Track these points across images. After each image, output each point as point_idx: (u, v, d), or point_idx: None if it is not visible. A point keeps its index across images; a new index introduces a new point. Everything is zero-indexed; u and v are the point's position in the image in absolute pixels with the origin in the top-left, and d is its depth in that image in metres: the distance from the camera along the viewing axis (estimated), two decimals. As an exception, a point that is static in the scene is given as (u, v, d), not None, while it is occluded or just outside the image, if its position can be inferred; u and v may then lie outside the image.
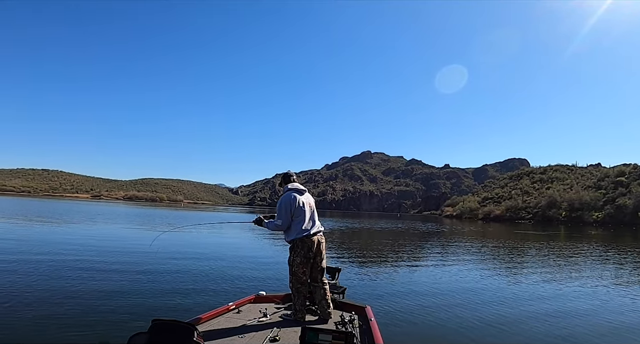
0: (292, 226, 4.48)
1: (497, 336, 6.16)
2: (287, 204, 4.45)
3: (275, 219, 4.53)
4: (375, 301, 7.49)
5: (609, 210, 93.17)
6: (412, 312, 7.22)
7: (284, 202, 4.47)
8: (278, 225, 4.47)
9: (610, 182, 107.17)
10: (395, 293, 8.90)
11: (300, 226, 4.45)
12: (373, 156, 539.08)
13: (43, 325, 5.28)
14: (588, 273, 13.62)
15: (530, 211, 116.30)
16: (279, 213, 4.46)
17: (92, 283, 8.00)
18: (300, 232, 4.44)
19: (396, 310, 7.27)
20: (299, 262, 4.38)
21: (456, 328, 6.41)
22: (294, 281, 4.38)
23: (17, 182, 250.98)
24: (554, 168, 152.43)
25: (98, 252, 12.41)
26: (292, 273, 4.41)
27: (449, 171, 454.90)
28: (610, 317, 7.62)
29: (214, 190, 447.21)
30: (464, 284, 10.48)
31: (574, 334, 6.42)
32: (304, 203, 4.52)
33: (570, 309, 8.15)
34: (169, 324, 2.61)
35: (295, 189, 4.61)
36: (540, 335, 6.32)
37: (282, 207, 4.45)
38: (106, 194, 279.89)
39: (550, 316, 7.49)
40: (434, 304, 8.00)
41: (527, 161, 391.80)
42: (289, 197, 4.49)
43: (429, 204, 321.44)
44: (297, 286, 4.34)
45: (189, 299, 7.08)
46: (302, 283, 4.36)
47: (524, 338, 6.17)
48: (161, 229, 23.87)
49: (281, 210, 4.44)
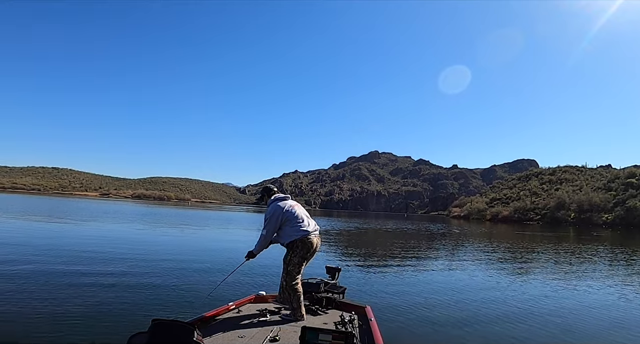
0: (288, 229, 4.57)
1: (498, 336, 6.17)
2: (275, 213, 4.57)
3: (262, 230, 4.62)
4: (375, 301, 7.48)
5: (619, 212, 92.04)
6: (413, 312, 7.23)
7: (272, 212, 4.59)
8: (263, 235, 4.56)
9: (621, 184, 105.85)
10: (396, 293, 8.89)
11: (298, 227, 4.56)
12: (381, 156, 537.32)
13: (42, 325, 5.24)
14: (595, 274, 13.47)
15: (539, 212, 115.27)
16: (268, 223, 4.56)
17: (92, 283, 7.94)
18: (300, 232, 4.53)
19: (396, 310, 7.27)
20: (296, 262, 4.48)
21: (456, 329, 6.42)
22: (288, 280, 4.44)
23: (27, 180, 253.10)
24: (563, 169, 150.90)
25: (98, 252, 12.28)
26: (287, 272, 4.48)
27: (456, 171, 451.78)
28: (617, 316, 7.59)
29: (221, 189, 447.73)
30: (466, 285, 10.45)
31: (574, 335, 6.40)
32: (291, 206, 4.66)
33: (570, 309, 8.11)
34: (169, 324, 2.62)
35: (278, 198, 4.76)
36: (542, 336, 6.32)
37: (272, 217, 4.56)
38: (115, 192, 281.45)
39: (551, 317, 7.47)
40: (434, 304, 8.00)
41: (536, 162, 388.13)
42: (275, 208, 4.62)
43: (437, 204, 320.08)
44: (292, 285, 4.40)
45: (189, 299, 7.07)
46: (296, 282, 4.44)
47: (524, 338, 6.17)
48: (163, 229, 24.04)
49: (271, 220, 4.56)
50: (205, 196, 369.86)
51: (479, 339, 5.99)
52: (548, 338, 6.28)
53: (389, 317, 6.72)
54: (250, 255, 4.66)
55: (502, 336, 6.23)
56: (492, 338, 6.12)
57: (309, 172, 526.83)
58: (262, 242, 4.58)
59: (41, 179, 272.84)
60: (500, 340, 6.04)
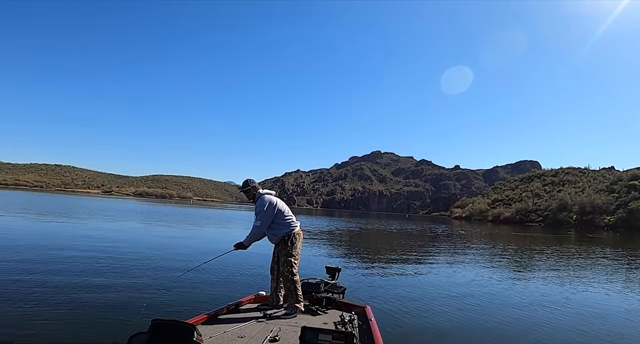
0: (282, 222, 4.71)
1: (498, 336, 6.18)
2: (271, 205, 4.67)
3: (255, 222, 4.67)
4: (375, 301, 7.51)
5: (621, 214, 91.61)
6: (413, 312, 7.25)
7: (268, 204, 4.66)
8: (257, 226, 4.61)
9: (623, 186, 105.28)
10: (396, 293, 8.92)
11: (291, 219, 4.75)
12: (383, 156, 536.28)
13: (42, 325, 5.23)
14: (593, 276, 13.45)
15: (541, 214, 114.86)
16: (264, 215, 4.61)
17: (92, 283, 7.91)
18: (294, 226, 4.74)
19: (396, 310, 7.30)
20: (295, 253, 4.65)
21: (457, 329, 6.45)
22: (292, 272, 4.56)
23: (30, 177, 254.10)
24: (566, 171, 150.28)
25: (98, 251, 12.21)
26: (291, 264, 4.59)
27: (459, 172, 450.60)
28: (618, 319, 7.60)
29: (223, 187, 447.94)
30: (466, 286, 10.47)
31: (573, 335, 6.41)
32: (279, 200, 4.81)
33: (570, 309, 8.13)
34: (169, 324, 2.62)
35: (268, 193, 4.89)
36: (542, 336, 6.35)
37: (269, 209, 4.64)
38: (117, 190, 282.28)
39: (551, 317, 7.50)
40: (434, 304, 8.02)
41: (538, 163, 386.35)
42: (269, 199, 4.73)
43: (438, 205, 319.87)
44: (294, 277, 4.57)
45: (189, 299, 7.07)
46: (297, 271, 4.64)
47: (524, 338, 6.18)
48: (164, 229, 24.09)
49: (267, 211, 4.63)
50: (207, 195, 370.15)
51: (479, 340, 6.00)
52: (548, 338, 6.29)
53: (389, 317, 6.74)
54: (240, 246, 4.68)
55: (502, 336, 6.24)
56: (493, 338, 6.13)
57: (311, 172, 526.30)
58: (255, 234, 4.64)
59: (44, 176, 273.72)
60: (500, 340, 6.05)
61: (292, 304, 4.51)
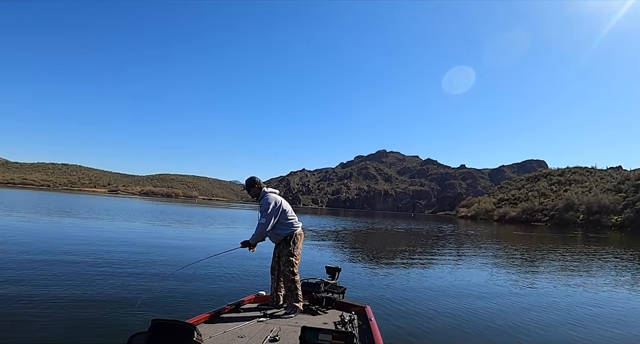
0: (285, 221, 4.75)
1: (498, 336, 6.19)
2: (277, 204, 4.70)
3: (260, 219, 4.68)
4: (375, 301, 7.49)
5: (629, 214, 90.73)
6: (413, 312, 7.27)
7: (273, 202, 4.68)
8: (262, 224, 4.62)
9: (631, 186, 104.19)
10: (396, 293, 8.92)
11: (293, 220, 4.79)
12: (388, 155, 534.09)
13: (42, 325, 5.23)
14: (601, 276, 13.39)
15: (547, 213, 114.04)
16: (269, 213, 4.62)
17: (92, 283, 7.88)
18: (296, 226, 4.78)
19: (396, 310, 7.31)
20: (296, 253, 4.69)
21: (457, 329, 6.45)
22: (293, 272, 4.62)
23: (37, 176, 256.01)
24: (573, 170, 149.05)
25: (98, 251, 12.15)
26: (292, 264, 4.63)
27: (464, 171, 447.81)
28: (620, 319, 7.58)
29: (229, 187, 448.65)
30: (467, 286, 10.46)
31: (577, 337, 6.41)
32: (282, 199, 4.82)
33: (569, 310, 8.10)
34: (169, 324, 2.64)
35: (272, 191, 4.90)
36: (542, 335, 6.35)
37: (274, 207, 4.66)
38: (123, 189, 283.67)
39: (550, 317, 7.50)
40: (434, 304, 8.03)
41: (545, 162, 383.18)
42: (274, 198, 4.75)
43: (444, 204, 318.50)
44: (295, 276, 4.62)
45: (189, 299, 7.07)
46: (297, 271, 4.69)
47: (524, 338, 6.18)
48: (166, 228, 24.17)
49: (273, 209, 4.64)
50: (213, 194, 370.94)
51: (479, 340, 6.01)
52: (548, 338, 6.29)
53: (389, 317, 6.76)
54: (246, 244, 4.72)
55: (502, 336, 6.25)
56: (493, 338, 6.14)
57: (317, 171, 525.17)
58: (260, 232, 4.65)
59: (51, 175, 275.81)
60: (500, 340, 6.06)
61: (291, 303, 4.55)
